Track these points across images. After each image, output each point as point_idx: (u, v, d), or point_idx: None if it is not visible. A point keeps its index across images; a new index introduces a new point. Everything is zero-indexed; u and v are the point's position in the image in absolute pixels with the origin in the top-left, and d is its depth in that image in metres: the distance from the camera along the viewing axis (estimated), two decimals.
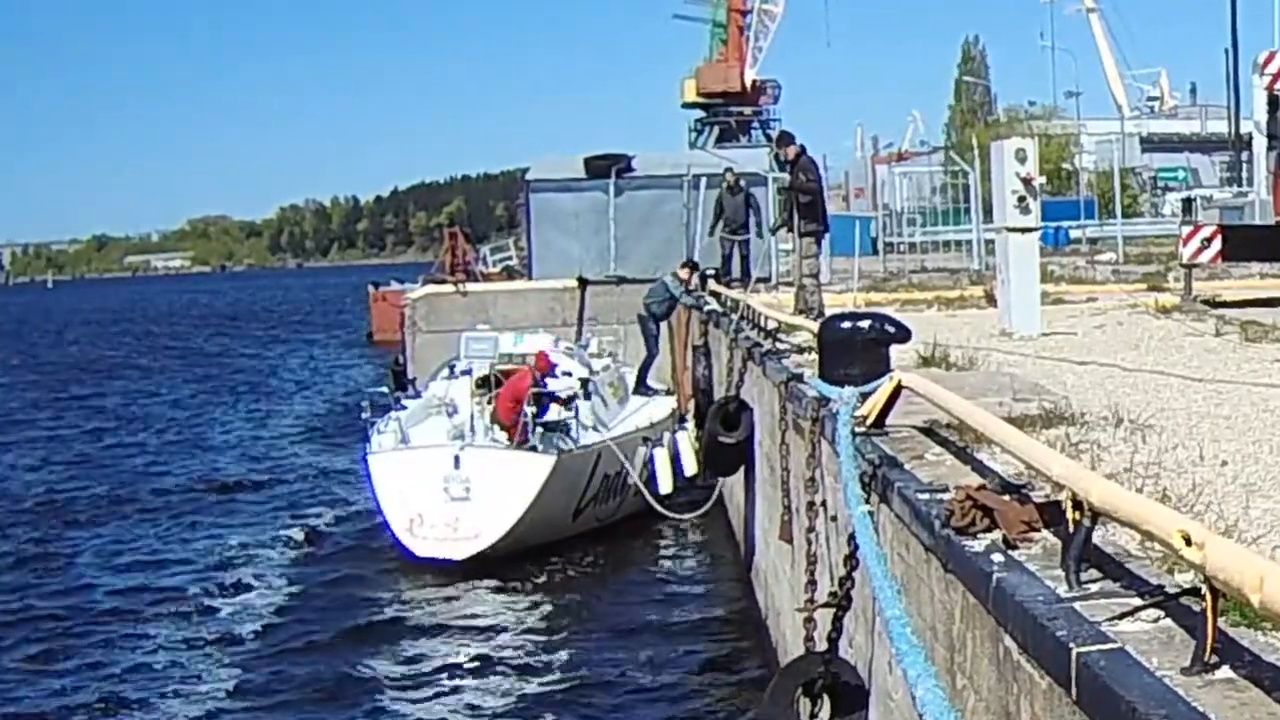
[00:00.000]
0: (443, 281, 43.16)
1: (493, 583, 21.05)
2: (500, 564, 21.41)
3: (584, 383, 25.04)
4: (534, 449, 22.35)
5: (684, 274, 28.95)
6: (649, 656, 17.66)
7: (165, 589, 21.73)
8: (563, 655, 17.81)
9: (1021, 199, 17.61)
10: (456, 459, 21.82)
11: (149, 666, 17.77)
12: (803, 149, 20.71)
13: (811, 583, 11.02)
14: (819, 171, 21.28)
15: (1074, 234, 51.32)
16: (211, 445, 38.13)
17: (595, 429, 24.22)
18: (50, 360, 75.26)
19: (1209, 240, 21.92)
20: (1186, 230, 22.99)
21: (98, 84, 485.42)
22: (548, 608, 20.13)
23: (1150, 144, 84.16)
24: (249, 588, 21.53)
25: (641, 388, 28.09)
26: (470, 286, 40.02)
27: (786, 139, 21.39)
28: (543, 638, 18.66)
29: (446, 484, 21.73)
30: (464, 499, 21.63)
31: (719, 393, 22.15)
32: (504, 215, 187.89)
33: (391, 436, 23.30)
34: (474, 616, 19.77)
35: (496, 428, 22.94)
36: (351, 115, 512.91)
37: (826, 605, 9.20)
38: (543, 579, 21.45)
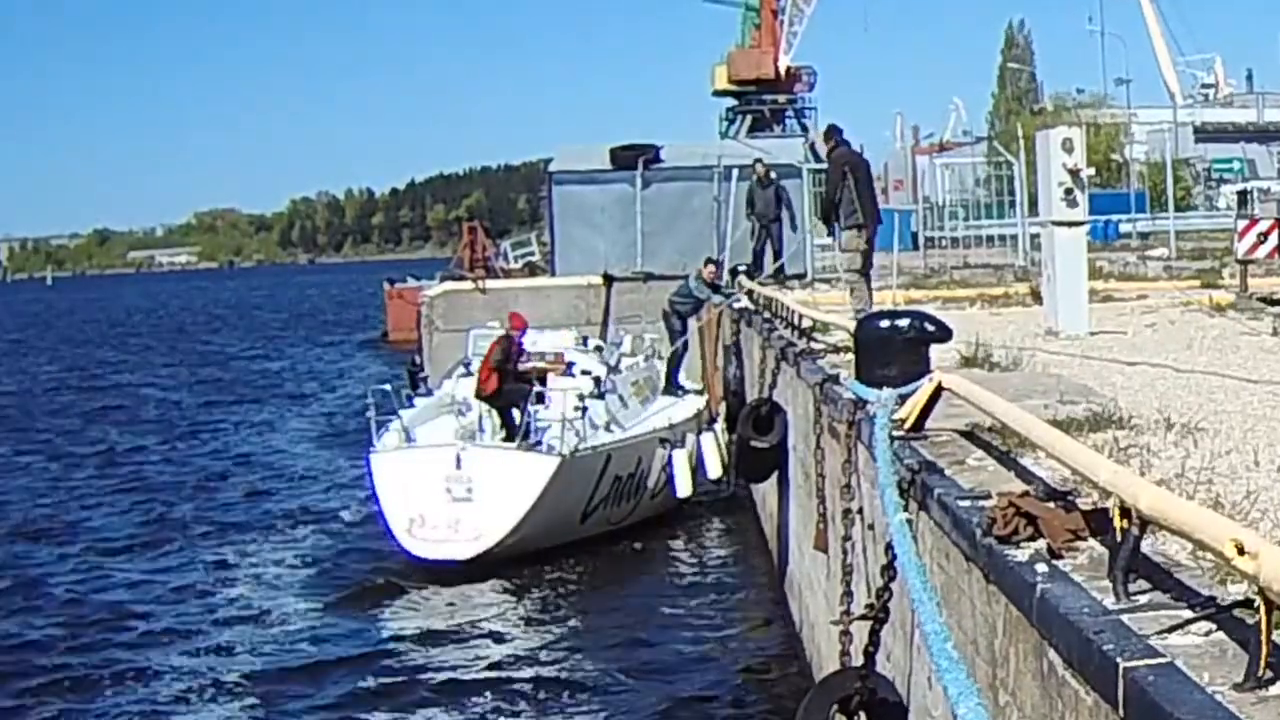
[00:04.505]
0: (461, 278, 43.25)
1: (497, 585, 21.21)
2: (504, 566, 21.59)
3: (597, 381, 25.15)
4: (536, 446, 22.54)
5: (707, 272, 28.98)
6: (669, 668, 17.69)
7: (165, 591, 22.01)
8: (570, 666, 17.87)
9: (1069, 191, 17.56)
10: (458, 458, 22.03)
11: (144, 670, 18.01)
12: (838, 143, 20.51)
13: (847, 594, 11.02)
14: (846, 164, 20.95)
15: (1124, 228, 51.09)
16: (217, 449, 38.26)
17: (608, 429, 24.31)
18: (56, 363, 75.59)
19: (1265, 235, 21.86)
20: (1242, 224, 22.93)
21: (100, 71, 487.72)
22: (555, 615, 20.23)
23: (1204, 134, 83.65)
24: (249, 589, 21.85)
25: (671, 387, 28.12)
26: (490, 283, 40.10)
27: (828, 134, 21.11)
28: (549, 648, 18.72)
29: (449, 484, 21.93)
30: (466, 499, 21.84)
31: (751, 394, 22.16)
32: (526, 209, 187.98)
33: (395, 436, 23.53)
34: (476, 621, 19.91)
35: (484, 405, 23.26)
36: (366, 104, 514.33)
37: (863, 617, 9.20)
38: (550, 584, 21.59)
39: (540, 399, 23.27)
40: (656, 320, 30.35)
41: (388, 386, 24.83)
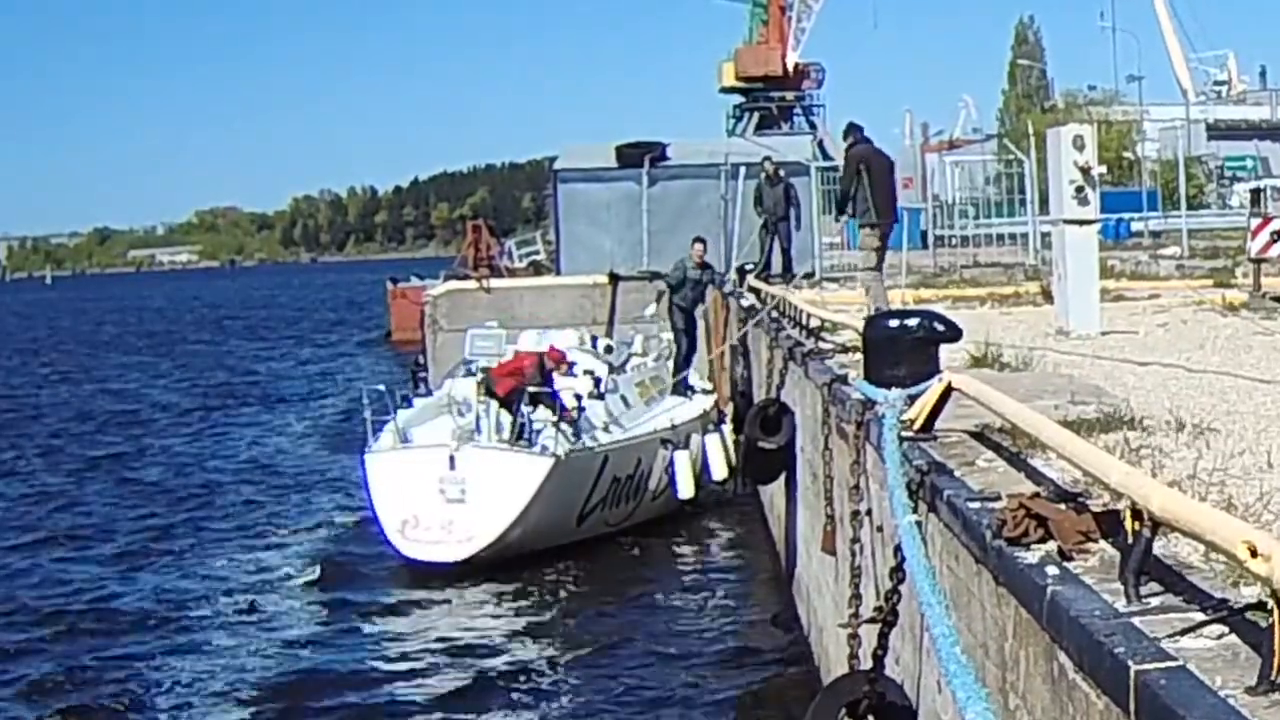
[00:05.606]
0: (465, 277, 43.23)
1: (491, 588, 21.21)
2: (498, 569, 21.58)
3: (597, 381, 25.14)
4: (530, 447, 22.53)
5: (696, 252, 29.00)
6: (672, 671, 17.66)
7: (158, 594, 22.04)
8: (566, 670, 17.83)
9: (1080, 189, 17.57)
10: (452, 459, 22.03)
11: (140, 673, 18.06)
12: (857, 139, 20.41)
13: (856, 596, 11.03)
14: (861, 160, 20.91)
15: (1135, 227, 51.12)
16: (216, 450, 38.26)
17: (607, 429, 24.29)
18: (55, 365, 75.73)
19: (1279, 233, 21.86)
20: (1255, 223, 22.93)
21: (99, 66, 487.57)
22: (551, 618, 20.15)
23: (1217, 131, 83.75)
24: (242, 591, 21.86)
25: (680, 387, 28.07)
26: (494, 283, 40.12)
27: (848, 132, 21.04)
28: (543, 652, 18.64)
29: (442, 485, 21.92)
30: (460, 500, 21.84)
31: (758, 394, 22.16)
32: (531, 207, 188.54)
33: (391, 436, 23.49)
34: (467, 624, 19.91)
35: (494, 403, 23.18)
36: (369, 101, 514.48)
37: (871, 620, 9.22)
38: (545, 587, 21.54)
39: (542, 399, 23.22)
40: (666, 320, 30.35)
41: (382, 387, 24.81)
